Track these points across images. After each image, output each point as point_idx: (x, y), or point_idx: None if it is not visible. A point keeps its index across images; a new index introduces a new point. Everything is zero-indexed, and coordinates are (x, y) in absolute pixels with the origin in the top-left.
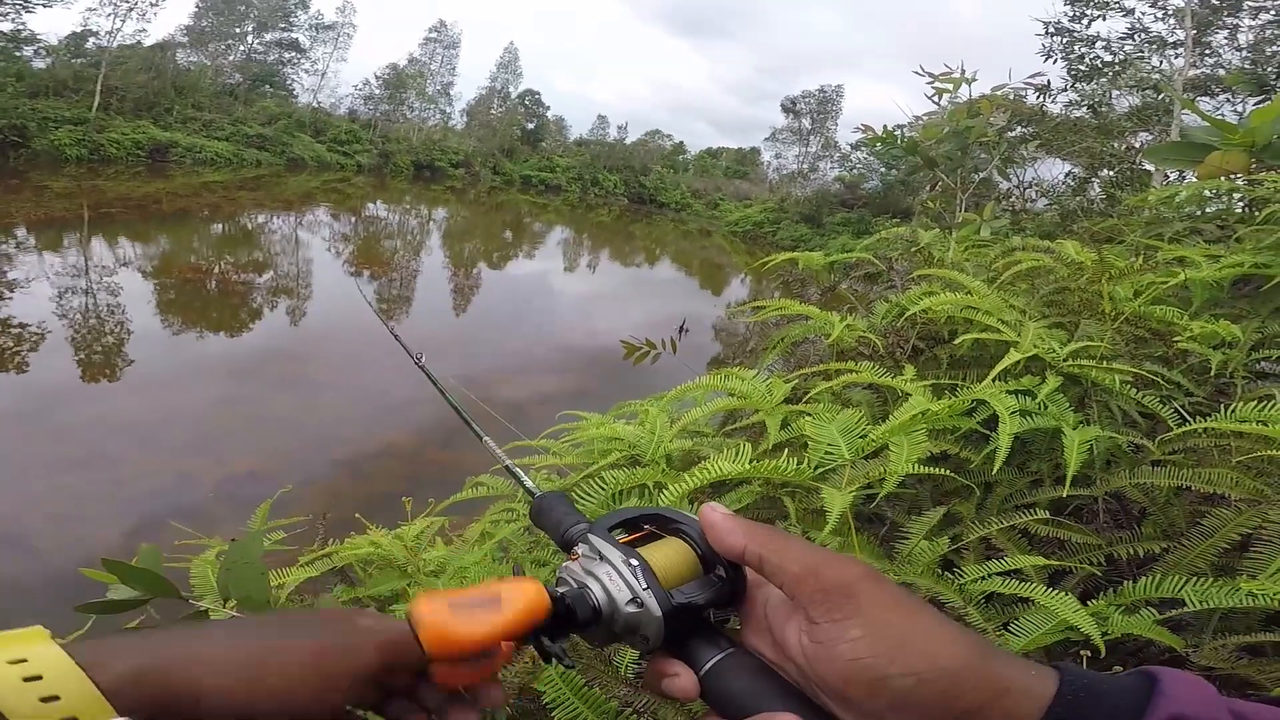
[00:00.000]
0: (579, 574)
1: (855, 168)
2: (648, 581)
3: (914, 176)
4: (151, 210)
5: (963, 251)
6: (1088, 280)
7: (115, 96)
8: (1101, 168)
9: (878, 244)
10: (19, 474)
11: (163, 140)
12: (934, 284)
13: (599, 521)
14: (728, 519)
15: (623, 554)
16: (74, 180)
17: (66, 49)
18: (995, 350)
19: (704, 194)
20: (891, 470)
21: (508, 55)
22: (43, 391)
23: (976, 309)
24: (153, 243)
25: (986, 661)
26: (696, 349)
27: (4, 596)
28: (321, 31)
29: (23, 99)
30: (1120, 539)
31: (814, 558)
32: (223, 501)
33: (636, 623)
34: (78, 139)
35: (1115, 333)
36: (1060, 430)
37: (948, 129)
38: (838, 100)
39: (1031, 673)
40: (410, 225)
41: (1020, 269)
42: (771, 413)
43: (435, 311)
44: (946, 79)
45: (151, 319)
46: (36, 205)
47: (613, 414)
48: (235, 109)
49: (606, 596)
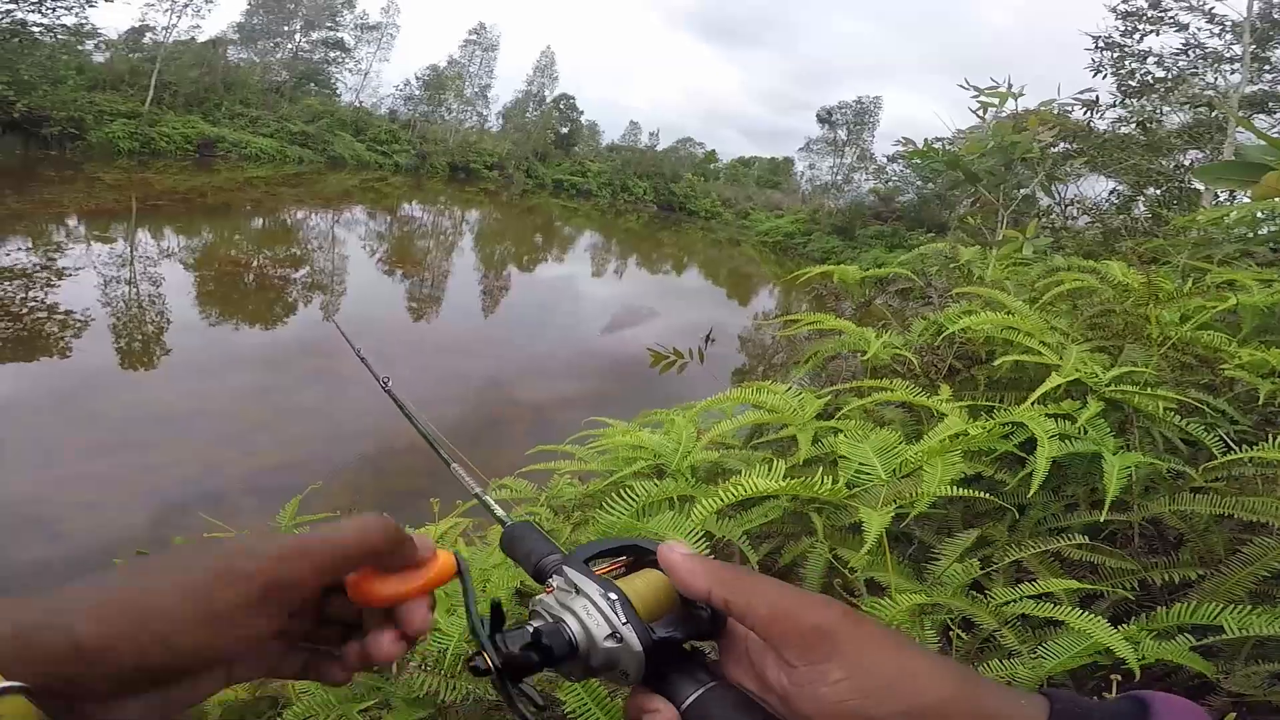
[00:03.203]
0: (554, 608)
1: (891, 180)
2: (627, 615)
3: (952, 191)
4: (196, 203)
5: (1003, 270)
6: (1133, 303)
7: (168, 91)
8: (1148, 186)
9: (915, 259)
10: (51, 457)
11: (210, 135)
12: (973, 302)
13: (574, 553)
14: (688, 560)
15: (600, 587)
16: (125, 172)
17: (125, 43)
18: (1035, 373)
19: (734, 203)
20: (925, 491)
21: (544, 59)
22: (81, 377)
23: (1017, 330)
24: (195, 235)
25: (974, 694)
26: (721, 359)
27: (28, 579)
28: (366, 31)
29: (82, 92)
30: (1155, 564)
31: (785, 600)
32: (248, 493)
33: (616, 658)
34: (131, 132)
35: (1161, 358)
36: (1099, 455)
37: (992, 144)
38: (875, 111)
39: (1021, 702)
40: (444, 226)
41: (1062, 290)
42: (803, 428)
43: (465, 311)
44: (992, 93)
45: (189, 310)
46: (88, 196)
47: (637, 422)
48: (281, 106)
49: (584, 631)
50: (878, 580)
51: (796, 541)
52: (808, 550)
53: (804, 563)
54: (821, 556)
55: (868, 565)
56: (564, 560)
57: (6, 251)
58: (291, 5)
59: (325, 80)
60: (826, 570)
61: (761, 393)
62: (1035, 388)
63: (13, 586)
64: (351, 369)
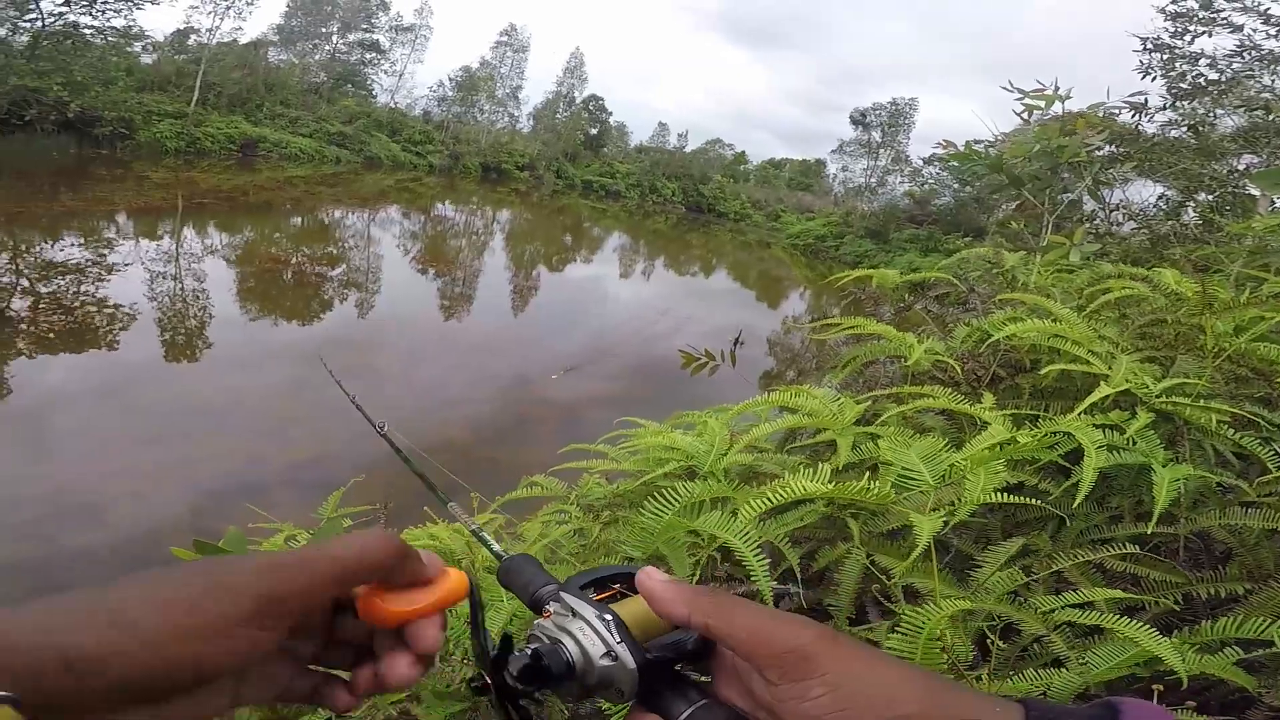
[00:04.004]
0: (551, 630)
1: (926, 183)
2: (621, 635)
3: (993, 195)
4: (239, 202)
5: (1049, 276)
6: (1186, 313)
7: (212, 92)
8: (1199, 191)
9: (957, 264)
10: (100, 447)
11: (253, 135)
12: (1019, 309)
13: (569, 581)
14: (667, 587)
15: (596, 609)
16: (171, 171)
17: (171, 45)
18: (1082, 382)
19: (764, 205)
20: (967, 499)
21: (573, 60)
22: (128, 369)
23: (1065, 338)
24: (237, 233)
25: (947, 700)
26: (749, 362)
27: (73, 566)
28: (400, 33)
29: (131, 93)
30: (1201, 578)
31: (763, 623)
32: (287, 485)
33: (611, 677)
34: (177, 132)
35: (1215, 370)
36: (1147, 467)
37: (1037, 147)
38: (911, 113)
39: (996, 708)
40: (475, 225)
41: (1111, 298)
42: (842, 433)
43: (495, 311)
44: (1038, 95)
45: (230, 305)
46: (137, 194)
47: (669, 424)
48: (319, 107)
49: (580, 651)
50: (915, 586)
51: (832, 546)
52: (844, 555)
53: (839, 568)
54: (858, 562)
55: (907, 572)
56: (560, 588)
57: (61, 247)
58: (329, 7)
59: (361, 81)
60: (862, 576)
61: (800, 396)
62: (1081, 397)
63: (60, 573)
64: (386, 364)
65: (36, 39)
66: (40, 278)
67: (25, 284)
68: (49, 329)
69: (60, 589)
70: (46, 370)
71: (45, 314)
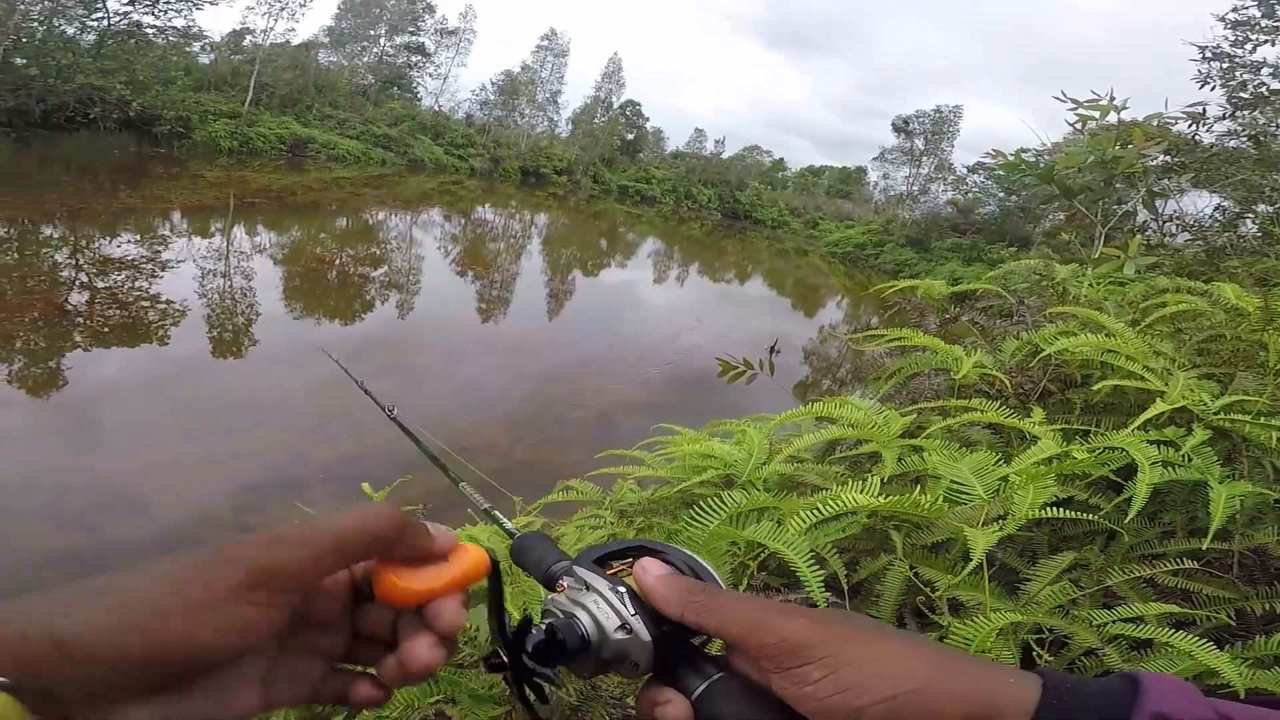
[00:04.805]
0: (565, 605)
1: (970, 191)
2: (636, 608)
3: (1041, 205)
4: (287, 202)
5: (1101, 289)
6: (1247, 329)
7: (265, 93)
8: (1259, 202)
9: (1005, 275)
10: (148, 440)
11: (302, 136)
12: (1070, 323)
13: (581, 556)
14: (661, 583)
15: (610, 583)
16: (225, 170)
17: (227, 46)
18: (1135, 398)
19: (803, 212)
20: (1016, 512)
21: (612, 65)
22: (177, 364)
23: (1118, 353)
24: (285, 232)
25: (955, 672)
26: (784, 370)
27: (116, 557)
28: (445, 37)
29: (189, 92)
30: (1256, 594)
31: (754, 616)
32: (327, 482)
33: (626, 649)
34: (231, 132)
35: (1277, 388)
36: (1202, 483)
37: (1091, 158)
38: (955, 121)
39: (1011, 680)
40: (513, 229)
41: (1167, 312)
42: (887, 445)
43: (530, 314)
44: (1093, 105)
45: (277, 303)
46: (192, 192)
47: (706, 431)
48: (366, 109)
49: (595, 624)
50: (959, 599)
51: (873, 557)
52: (885, 567)
53: (880, 579)
54: (901, 574)
55: (952, 585)
56: (573, 562)
57: (118, 244)
58: (377, 10)
59: (407, 84)
60: (905, 587)
61: (843, 408)
62: (1134, 413)
63: (101, 564)
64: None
65: (102, 38)
66: (98, 273)
67: (84, 279)
68: (104, 323)
69: None
70: (100, 363)
71: (101, 308)
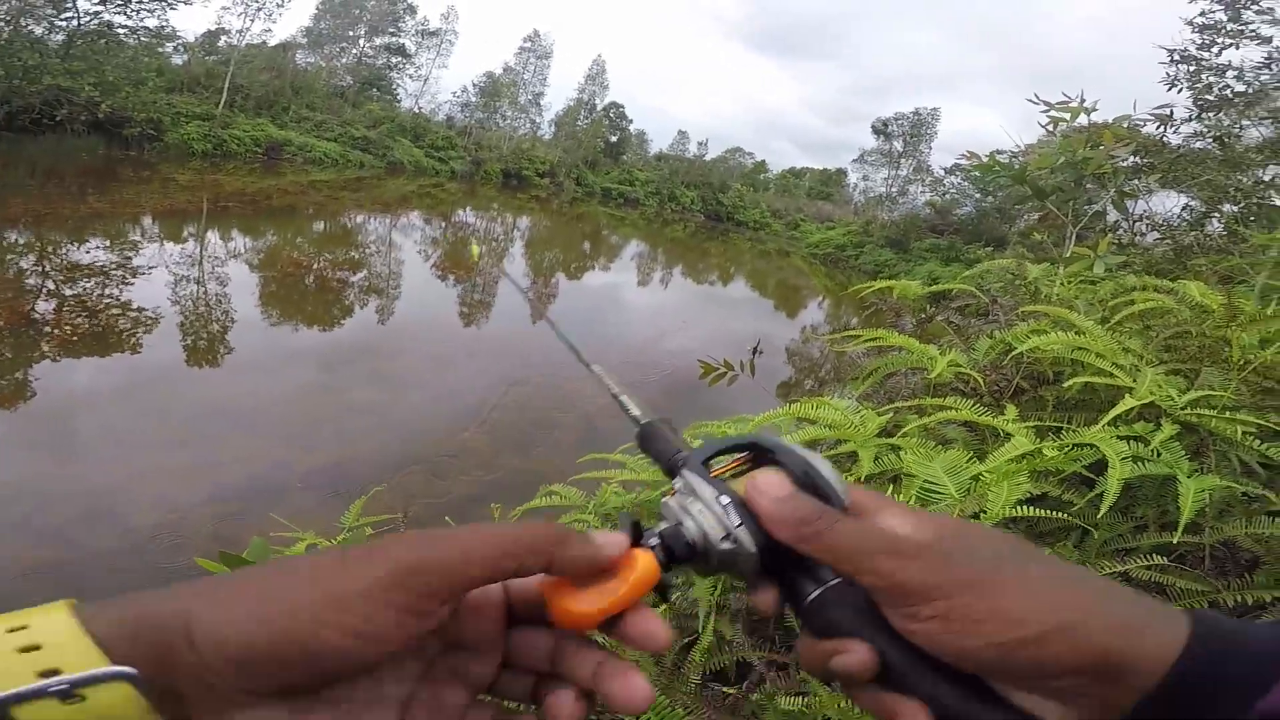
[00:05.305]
0: (675, 510)
1: (948, 193)
2: (741, 518)
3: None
4: (262, 205)
5: (1072, 288)
6: (1212, 325)
7: (240, 94)
8: (1224, 202)
9: (980, 275)
10: (123, 450)
11: (278, 138)
12: (1042, 321)
13: (696, 452)
14: (774, 507)
15: (714, 489)
16: (198, 173)
17: (201, 46)
18: (1105, 394)
19: (784, 214)
20: (990, 510)
21: (595, 68)
22: (151, 372)
23: (1089, 351)
24: (260, 237)
25: (1086, 620)
26: (767, 371)
27: (93, 570)
28: (426, 38)
29: (161, 94)
30: (1228, 586)
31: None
32: (308, 490)
33: (732, 558)
34: (205, 134)
35: (1240, 382)
36: (1172, 477)
37: (1062, 159)
38: (933, 123)
39: (1152, 626)
40: (495, 232)
41: (1135, 310)
42: (864, 445)
43: (513, 317)
44: (1064, 107)
45: (253, 309)
46: (163, 196)
47: (687, 434)
48: (344, 111)
49: (701, 532)
50: None
51: None
52: None
53: None
54: None
55: None
56: (686, 459)
57: (86, 250)
58: (356, 10)
59: (386, 86)
60: None
61: (820, 408)
62: (1105, 409)
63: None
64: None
65: (71, 38)
66: (66, 280)
67: (51, 286)
68: (73, 332)
69: (80, 594)
70: (71, 372)
71: (70, 316)
